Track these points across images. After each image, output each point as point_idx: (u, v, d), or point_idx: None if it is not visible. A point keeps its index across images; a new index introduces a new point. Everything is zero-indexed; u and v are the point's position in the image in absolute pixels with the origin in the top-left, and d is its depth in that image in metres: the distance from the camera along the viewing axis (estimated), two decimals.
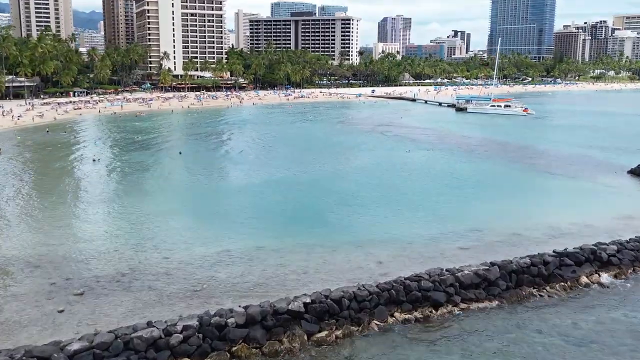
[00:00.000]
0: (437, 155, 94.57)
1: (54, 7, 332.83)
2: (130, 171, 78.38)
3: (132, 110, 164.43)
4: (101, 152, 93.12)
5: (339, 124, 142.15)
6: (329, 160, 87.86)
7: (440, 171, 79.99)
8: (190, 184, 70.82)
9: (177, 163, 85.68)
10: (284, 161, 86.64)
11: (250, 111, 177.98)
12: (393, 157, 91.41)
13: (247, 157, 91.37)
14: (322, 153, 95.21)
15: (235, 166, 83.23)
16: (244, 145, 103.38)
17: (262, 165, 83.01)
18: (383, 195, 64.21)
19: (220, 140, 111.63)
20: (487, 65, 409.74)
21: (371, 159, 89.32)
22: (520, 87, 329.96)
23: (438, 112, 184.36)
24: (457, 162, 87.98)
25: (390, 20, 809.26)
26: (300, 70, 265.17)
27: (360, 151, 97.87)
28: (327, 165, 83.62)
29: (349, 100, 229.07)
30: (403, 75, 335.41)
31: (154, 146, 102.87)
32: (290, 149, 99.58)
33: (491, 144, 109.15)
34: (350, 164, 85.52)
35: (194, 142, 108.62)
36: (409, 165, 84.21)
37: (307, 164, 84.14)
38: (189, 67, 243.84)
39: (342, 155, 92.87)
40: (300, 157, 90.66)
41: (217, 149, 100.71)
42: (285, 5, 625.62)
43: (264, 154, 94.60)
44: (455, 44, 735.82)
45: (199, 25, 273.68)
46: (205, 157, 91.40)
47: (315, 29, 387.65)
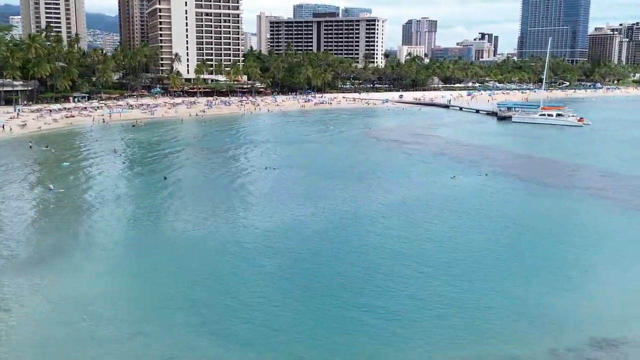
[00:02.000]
0: (492, 183, 73.65)
1: (65, 7, 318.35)
2: (86, 206, 59.05)
3: (132, 119, 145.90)
4: (63, 177, 74.19)
5: (365, 137, 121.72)
6: (352, 192, 67.53)
7: (506, 213, 59.17)
8: (152, 233, 51.16)
9: (155, 194, 66.08)
10: (295, 194, 66.50)
11: (265, 120, 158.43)
12: (434, 187, 70.77)
13: (248, 186, 71.39)
14: (344, 179, 74.91)
15: (229, 202, 63.17)
16: (247, 169, 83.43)
17: (264, 201, 63.00)
18: (434, 264, 43.73)
19: (219, 161, 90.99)
20: (520, 69, 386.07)
21: (407, 190, 68.84)
22: (560, 92, 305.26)
23: (477, 121, 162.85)
24: (524, 195, 67.35)
25: (415, 22, 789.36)
26: (322, 74, 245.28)
27: (392, 177, 77.36)
28: (350, 201, 63.25)
29: (374, 107, 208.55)
30: (432, 79, 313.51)
31: (134, 167, 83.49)
32: (305, 174, 79.34)
33: (558, 167, 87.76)
34: (381, 198, 64.98)
35: (186, 163, 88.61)
36: (459, 202, 63.48)
37: (325, 199, 63.87)
38: (201, 70, 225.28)
39: (370, 184, 72.43)
40: (316, 187, 70.40)
41: (212, 174, 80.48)
42: (308, 7, 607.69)
43: (271, 182, 74.43)
44: (483, 47, 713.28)
45: (214, 25, 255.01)
46: (193, 187, 71.46)
47: (338, 30, 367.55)
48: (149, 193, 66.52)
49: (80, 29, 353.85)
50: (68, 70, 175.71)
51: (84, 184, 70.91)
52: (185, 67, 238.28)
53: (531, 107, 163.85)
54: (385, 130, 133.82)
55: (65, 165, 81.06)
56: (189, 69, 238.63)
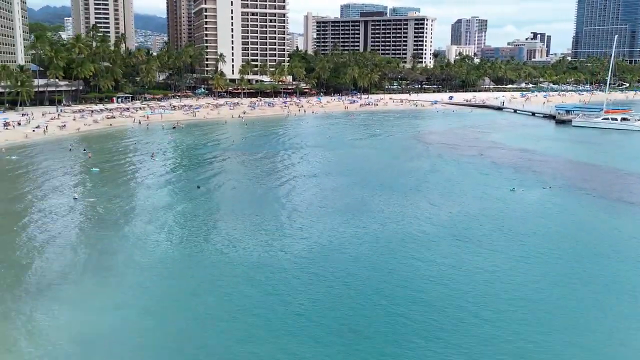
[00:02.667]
0: (559, 199, 65.51)
1: (114, 7, 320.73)
2: (107, 220, 54.11)
3: (174, 120, 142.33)
4: (92, 185, 69.79)
5: (413, 141, 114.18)
6: (399, 207, 60.63)
7: (580, 237, 51.32)
8: (173, 256, 45.55)
9: (184, 206, 60.71)
10: (335, 209, 59.97)
11: (309, 122, 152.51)
12: (493, 203, 63.10)
13: (284, 199, 65.20)
14: (390, 191, 68.04)
15: (262, 218, 57.00)
16: (285, 178, 77.25)
17: (301, 217, 56.66)
18: (499, 306, 36.57)
19: (256, 168, 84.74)
20: (575, 69, 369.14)
21: (461, 206, 61.36)
22: (620, 94, 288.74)
23: (533, 125, 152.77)
24: (600, 215, 59.08)
25: (465, 22, 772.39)
26: (369, 74, 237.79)
27: (444, 189, 69.96)
28: (397, 218, 56.36)
29: (422, 109, 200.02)
30: (482, 79, 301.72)
31: (167, 174, 78.52)
32: (347, 185, 72.75)
33: (633, 181, 78.41)
34: (432, 215, 57.79)
35: (222, 170, 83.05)
36: (523, 222, 55.81)
37: (368, 215, 57.22)
38: (246, 71, 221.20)
39: (419, 198, 65.25)
40: (359, 201, 63.76)
41: (248, 183, 74.58)
42: (355, 7, 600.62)
43: (310, 194, 68.07)
44: (536, 47, 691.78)
45: (259, 25, 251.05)
46: (225, 199, 65.83)
47: (386, 30, 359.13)
48: (178, 205, 61.18)
49: (129, 29, 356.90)
50: (112, 71, 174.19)
51: (112, 193, 66.22)
52: (230, 68, 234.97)
53: (593, 110, 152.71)
54: (436, 134, 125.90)
55: (95, 171, 76.89)
56: (233, 70, 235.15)
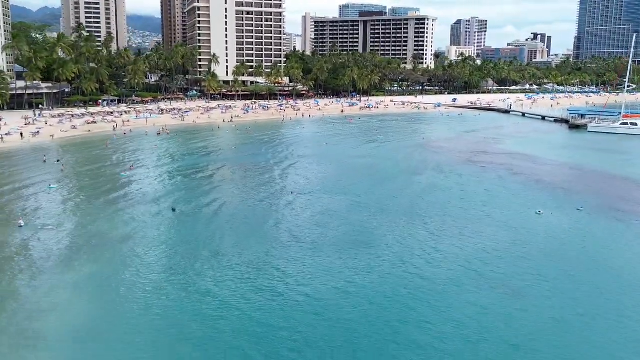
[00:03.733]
0: (594, 226, 55.56)
1: (105, 7, 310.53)
2: (52, 253, 43.84)
3: (160, 125, 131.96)
4: (46, 207, 59.53)
5: (420, 150, 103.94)
6: (408, 235, 50.55)
7: (632, 281, 41.13)
8: (122, 308, 35.32)
9: (152, 236, 50.41)
10: (331, 239, 49.77)
11: (306, 127, 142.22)
12: (517, 231, 53.07)
13: (271, 229, 54.59)
14: (396, 214, 57.95)
15: (243, 252, 46.88)
16: (274, 198, 66.63)
17: (289, 250, 46.48)
18: None
19: (242, 186, 73.30)
20: (579, 70, 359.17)
21: (481, 235, 51.31)
22: (630, 97, 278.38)
23: (545, 130, 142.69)
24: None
25: (465, 22, 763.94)
26: (368, 75, 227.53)
27: (459, 212, 59.74)
28: (406, 251, 46.25)
29: (425, 112, 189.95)
30: (486, 81, 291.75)
31: (139, 193, 67.81)
32: (347, 205, 62.51)
33: None
34: (447, 247, 47.74)
35: (202, 188, 72.20)
36: (558, 257, 46.15)
37: (370, 248, 47.16)
38: (240, 72, 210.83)
39: (430, 223, 55.04)
40: (360, 227, 53.57)
41: (230, 204, 63.81)
42: (354, 7, 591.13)
43: (303, 219, 57.74)
44: (537, 47, 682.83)
45: (255, 24, 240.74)
46: (200, 226, 54.91)
47: (385, 30, 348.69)
48: (144, 235, 50.86)
49: (121, 30, 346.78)
50: (97, 72, 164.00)
51: (67, 218, 55.93)
52: (224, 69, 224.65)
53: (610, 115, 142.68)
54: (443, 142, 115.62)
55: (53, 188, 66.58)
56: (227, 71, 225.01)
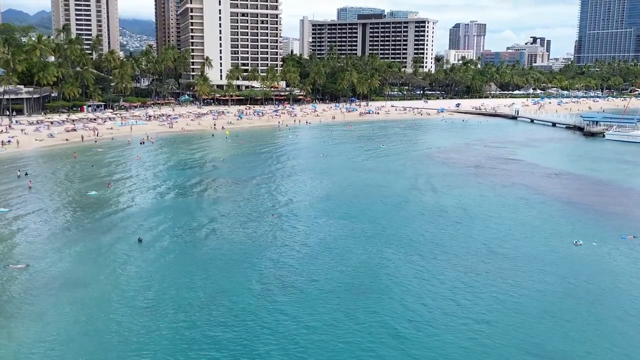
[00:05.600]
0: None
1: (96, 10, 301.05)
2: None
3: (146, 132, 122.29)
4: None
5: (428, 162, 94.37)
6: (424, 280, 40.96)
7: None
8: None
9: (110, 273, 40.63)
10: (324, 285, 39.83)
11: (303, 135, 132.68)
12: (554, 269, 43.51)
13: (255, 269, 44.56)
14: (408, 248, 48.34)
15: (218, 303, 37.28)
16: (261, 225, 56.35)
17: (271, 300, 36.64)
18: None
19: (225, 212, 60.85)
20: (583, 74, 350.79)
21: (512, 276, 41.74)
22: (636, 101, 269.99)
23: (559, 138, 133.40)
24: None
25: (463, 26, 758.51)
26: (368, 80, 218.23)
27: (483, 243, 50.16)
28: (419, 303, 36.63)
29: (428, 118, 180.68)
30: (488, 85, 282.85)
31: (100, 220, 57.86)
32: (347, 232, 52.86)
33: None
34: (471, 299, 38.10)
35: (176, 213, 61.52)
36: (609, 305, 36.27)
37: (378, 295, 37.47)
38: (234, 76, 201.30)
39: (450, 260, 45.47)
40: (364, 265, 43.95)
41: (209, 232, 53.70)
42: (352, 11, 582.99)
43: (295, 254, 48.06)
44: (537, 51, 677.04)
45: (250, 27, 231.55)
46: (172, 261, 45.20)
47: (385, 33, 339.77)
48: (93, 278, 41.14)
49: (113, 33, 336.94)
50: (82, 76, 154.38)
51: (8, 252, 46.29)
52: (217, 72, 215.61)
53: (629, 122, 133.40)
54: (452, 152, 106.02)
55: (3, 212, 56.77)
56: (221, 75, 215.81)
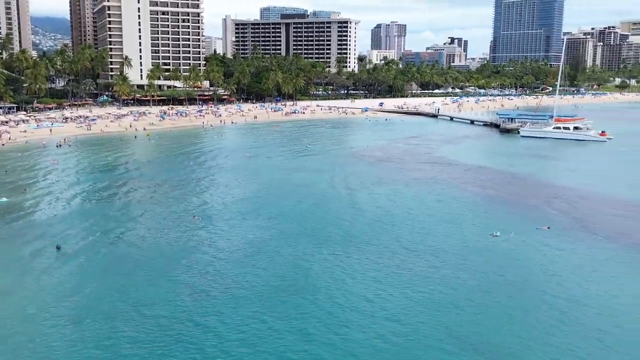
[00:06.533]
0: (566, 248, 48.54)
1: (5, 7, 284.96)
2: None
3: (63, 134, 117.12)
4: None
5: (354, 161, 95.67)
6: (351, 277, 41.58)
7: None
8: None
9: (25, 284, 38.72)
10: (254, 285, 39.81)
11: (229, 135, 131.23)
12: (472, 261, 45.27)
13: (177, 279, 43.58)
14: (332, 244, 48.93)
15: (135, 319, 36.34)
16: (183, 231, 55.57)
17: (195, 310, 36.20)
18: None
19: (146, 217, 59.53)
20: (498, 73, 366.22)
21: (435, 270, 43.11)
22: (548, 99, 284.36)
23: (477, 135, 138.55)
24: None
25: (385, 27, 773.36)
26: (293, 79, 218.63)
27: (407, 235, 51.65)
28: (349, 306, 37.21)
29: (353, 117, 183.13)
30: (410, 84, 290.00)
31: (14, 227, 54.94)
32: (275, 230, 52.93)
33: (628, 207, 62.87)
34: (399, 289, 39.13)
35: (99, 217, 59.56)
36: (530, 297, 38.17)
37: (307, 294, 37.71)
38: (155, 76, 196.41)
39: (376, 255, 46.42)
40: (291, 266, 44.10)
41: (129, 239, 51.99)
42: (275, 10, 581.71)
43: (215, 251, 47.65)
44: (455, 51, 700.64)
45: (171, 25, 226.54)
46: (90, 269, 43.76)
47: (308, 33, 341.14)
48: (16, 283, 39.11)
49: (25, 32, 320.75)
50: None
51: None
52: (138, 72, 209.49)
53: (541, 118, 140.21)
54: (377, 150, 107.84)
55: None
56: (142, 74, 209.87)
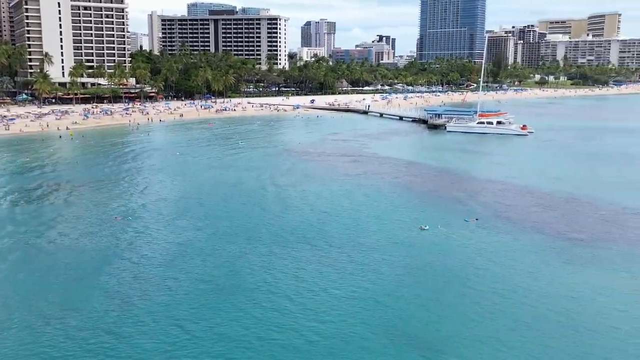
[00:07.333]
0: (494, 240, 50.26)
1: None
2: None
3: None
4: None
5: (287, 158, 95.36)
6: (284, 274, 41.52)
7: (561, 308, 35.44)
8: None
9: None
10: (185, 289, 39.09)
11: (157, 134, 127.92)
12: (404, 254, 46.37)
13: (99, 266, 42.33)
14: (264, 242, 48.62)
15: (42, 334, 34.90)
16: (104, 228, 54.10)
17: (121, 316, 35.21)
18: None
19: (65, 222, 57.50)
20: (425, 70, 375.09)
21: (365, 262, 43.64)
22: (473, 95, 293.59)
23: (406, 131, 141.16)
24: (559, 263, 44.12)
25: (314, 24, 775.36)
26: (223, 76, 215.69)
27: (338, 231, 52.02)
28: (283, 301, 37.12)
29: (285, 114, 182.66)
30: (340, 81, 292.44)
31: None
32: (207, 229, 52.06)
33: (563, 205, 65.57)
34: (331, 282, 39.38)
35: (13, 222, 57.13)
36: (455, 285, 39.28)
37: (239, 295, 37.30)
38: (78, 73, 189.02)
39: (313, 251, 46.53)
40: (225, 265, 43.52)
41: (42, 245, 50.04)
42: (203, 6, 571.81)
43: (142, 252, 46.44)
44: (383, 49, 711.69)
45: (94, 21, 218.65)
46: (12, 270, 41.59)
47: (237, 29, 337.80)
48: None
49: None
50: None
51: None
52: (59, 69, 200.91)
53: (466, 114, 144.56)
54: (309, 146, 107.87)
55: None
56: (64, 72, 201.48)
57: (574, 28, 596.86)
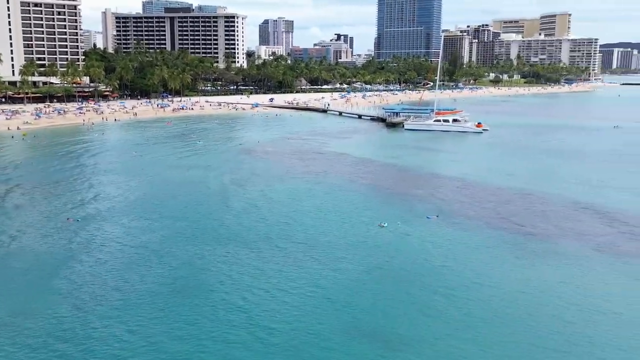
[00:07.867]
0: (456, 236, 51.15)
1: None
2: None
3: None
4: None
5: (245, 157, 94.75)
6: (244, 273, 41.41)
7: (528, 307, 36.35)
8: None
9: None
10: (142, 291, 38.59)
11: (112, 133, 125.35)
12: (362, 252, 46.72)
13: (52, 270, 41.42)
14: (222, 242, 48.32)
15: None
16: (58, 231, 52.95)
17: (79, 310, 34.54)
18: None
19: (20, 221, 56.26)
20: (382, 69, 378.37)
21: (325, 259, 43.85)
22: (429, 93, 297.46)
23: (365, 129, 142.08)
24: (515, 258, 45.21)
25: (272, 22, 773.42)
26: (180, 75, 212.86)
27: (298, 231, 52.08)
28: (243, 301, 37.02)
29: (243, 113, 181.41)
30: (299, 80, 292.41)
31: None
32: (164, 230, 51.38)
33: (522, 201, 67.06)
34: (287, 281, 39.50)
35: None
36: (413, 281, 39.86)
37: (196, 297, 37.00)
38: (29, 71, 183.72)
39: (269, 250, 46.49)
40: (183, 267, 43.09)
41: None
42: (159, 4, 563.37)
43: (98, 254, 45.62)
44: (341, 48, 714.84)
45: (45, 19, 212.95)
46: None
47: (194, 27, 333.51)
48: None
49: None
50: None
51: None
52: (9, 68, 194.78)
53: (423, 112, 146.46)
54: (268, 146, 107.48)
55: None
56: (14, 70, 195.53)
57: (527, 27, 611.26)
